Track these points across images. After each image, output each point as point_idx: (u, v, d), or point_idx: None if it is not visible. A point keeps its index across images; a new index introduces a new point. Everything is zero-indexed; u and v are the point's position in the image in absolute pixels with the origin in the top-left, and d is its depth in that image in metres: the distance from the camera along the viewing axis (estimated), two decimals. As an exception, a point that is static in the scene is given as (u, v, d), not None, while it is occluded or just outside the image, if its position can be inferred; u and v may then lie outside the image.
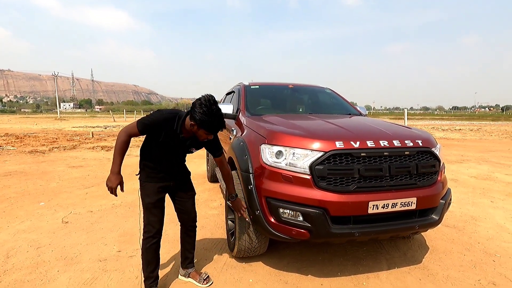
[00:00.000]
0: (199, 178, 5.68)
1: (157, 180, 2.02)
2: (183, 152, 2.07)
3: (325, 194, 1.97)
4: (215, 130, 1.82)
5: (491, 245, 2.90)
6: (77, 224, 3.35)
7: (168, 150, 1.97)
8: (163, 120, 1.86)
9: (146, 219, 2.02)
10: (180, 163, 2.15)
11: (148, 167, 2.02)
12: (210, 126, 1.78)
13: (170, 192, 2.16)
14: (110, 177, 1.86)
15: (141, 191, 2.02)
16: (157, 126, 1.86)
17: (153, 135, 1.91)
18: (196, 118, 1.76)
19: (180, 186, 2.16)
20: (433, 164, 2.20)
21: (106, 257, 2.62)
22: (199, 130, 1.82)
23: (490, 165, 7.00)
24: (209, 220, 3.54)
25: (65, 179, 5.50)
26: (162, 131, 1.87)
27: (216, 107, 1.77)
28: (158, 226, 2.03)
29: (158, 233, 2.04)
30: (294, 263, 2.53)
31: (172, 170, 2.07)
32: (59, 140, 12.25)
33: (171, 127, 1.87)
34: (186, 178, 2.22)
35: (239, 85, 3.92)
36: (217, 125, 1.80)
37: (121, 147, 1.84)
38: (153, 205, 2.00)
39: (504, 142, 12.38)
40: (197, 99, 1.79)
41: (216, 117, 1.77)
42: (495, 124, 29.26)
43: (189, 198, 2.22)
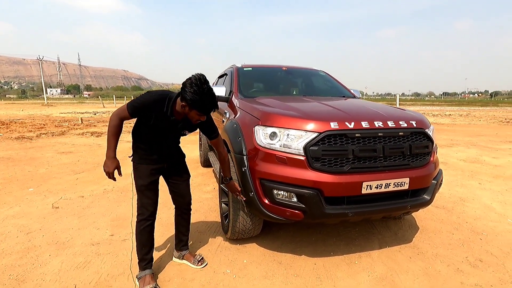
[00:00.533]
0: (192, 163, 5.64)
1: (150, 162, 1.97)
2: (175, 135, 2.01)
3: (319, 175, 1.96)
4: (207, 110, 1.75)
5: (479, 224, 2.98)
6: (68, 209, 3.30)
7: (159, 133, 1.91)
8: (153, 102, 1.79)
9: (140, 201, 1.99)
10: (173, 146, 2.09)
11: (140, 149, 1.97)
12: (202, 106, 1.71)
13: (164, 175, 2.12)
14: (106, 162, 1.83)
15: (134, 173, 1.98)
16: (147, 108, 1.79)
17: (144, 118, 1.85)
18: (186, 98, 1.68)
19: (174, 168, 2.12)
20: (426, 145, 2.21)
21: (98, 241, 2.60)
22: (190, 111, 1.75)
23: (478, 149, 7.15)
24: (202, 204, 3.53)
25: (54, 165, 5.38)
26: (152, 114, 1.80)
27: (207, 86, 1.70)
28: (151, 208, 2.00)
29: (152, 215, 2.02)
30: (288, 244, 2.56)
31: (165, 153, 2.02)
32: (47, 126, 11.94)
33: (161, 109, 1.81)
34: (180, 161, 2.18)
35: (232, 67, 3.83)
36: (209, 105, 1.73)
37: (114, 131, 1.79)
38: (146, 187, 1.96)
39: (492, 126, 12.64)
40: (187, 79, 1.71)
41: (208, 96, 1.70)
42: (483, 109, 29.78)
43: (183, 180, 2.19)
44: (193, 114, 1.77)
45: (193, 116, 1.79)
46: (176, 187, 2.17)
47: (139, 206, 1.99)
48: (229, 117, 2.89)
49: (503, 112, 24.56)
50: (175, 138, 2.05)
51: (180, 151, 2.19)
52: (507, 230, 2.86)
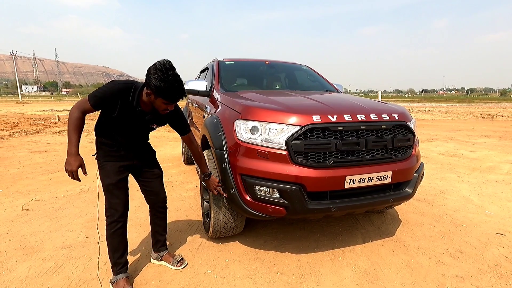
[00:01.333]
0: (174, 161, 5.49)
1: (117, 158, 1.83)
2: (143, 128, 1.88)
3: (301, 169, 1.91)
4: (173, 97, 1.63)
5: (458, 216, 3.04)
6: (39, 211, 3.10)
7: (125, 126, 1.77)
8: (117, 91, 1.65)
9: (108, 202, 1.85)
10: (141, 141, 1.96)
11: (105, 145, 1.82)
12: (168, 93, 1.59)
13: (134, 173, 1.99)
14: (68, 160, 1.65)
15: (100, 172, 1.83)
16: (111, 98, 1.65)
17: (107, 110, 1.70)
18: (151, 85, 1.57)
19: (144, 165, 2.00)
20: (408, 138, 2.20)
21: (71, 244, 2.44)
22: (156, 99, 1.63)
23: (456, 143, 7.38)
24: (184, 202, 3.42)
25: (26, 165, 5.09)
26: (117, 104, 1.67)
27: (173, 72, 1.58)
28: (121, 208, 1.86)
29: (123, 216, 1.88)
30: (271, 241, 2.50)
31: (132, 148, 1.89)
32: (21, 124, 11.35)
33: (127, 99, 1.67)
34: (150, 157, 2.06)
35: (213, 61, 3.72)
36: (176, 91, 1.61)
37: (75, 124, 1.63)
38: (114, 186, 1.82)
39: (469, 122, 13.13)
40: (152, 65, 1.59)
41: (174, 82, 1.58)
42: (460, 105, 30.96)
43: (155, 177, 2.06)
44: (159, 103, 1.65)
45: (159, 105, 1.67)
46: (149, 185, 2.04)
47: (107, 207, 1.85)
48: (210, 111, 2.79)
49: (479, 108, 25.63)
50: (143, 132, 1.92)
51: (149, 147, 2.07)
52: (485, 220, 2.93)
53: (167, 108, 1.70)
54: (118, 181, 1.83)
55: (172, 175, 4.52)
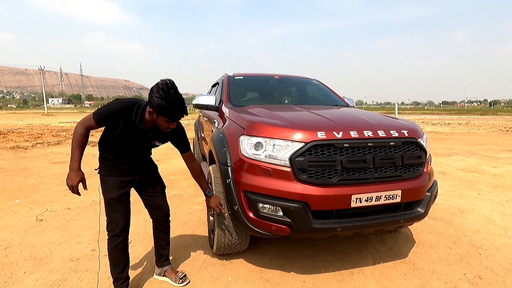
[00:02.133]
0: (185, 173, 5.53)
1: (119, 173, 1.87)
2: (145, 145, 1.92)
3: (306, 187, 1.86)
4: (175, 116, 1.67)
5: (478, 237, 2.85)
6: (52, 222, 3.19)
7: (127, 142, 1.82)
8: (121, 109, 1.70)
9: (109, 216, 1.87)
10: (143, 157, 2.00)
11: (108, 159, 1.87)
12: (169, 112, 1.64)
13: (136, 187, 2.02)
14: (69, 175, 1.68)
15: (102, 186, 1.87)
16: (114, 116, 1.69)
17: (111, 127, 1.75)
18: (153, 104, 1.62)
19: (146, 180, 2.02)
20: (419, 155, 2.11)
21: (78, 256, 2.48)
22: (158, 118, 1.68)
23: (477, 158, 7.04)
24: (192, 216, 3.41)
25: (45, 175, 5.28)
26: (120, 122, 1.71)
27: (175, 91, 1.64)
28: (123, 223, 1.88)
29: (124, 230, 1.90)
30: (277, 259, 2.43)
31: (134, 164, 1.92)
32: (44, 135, 11.89)
33: (129, 117, 1.72)
34: (153, 172, 2.08)
35: (224, 76, 3.78)
36: (177, 110, 1.65)
37: (79, 141, 1.68)
38: (115, 201, 1.85)
39: (491, 135, 12.54)
40: (155, 84, 1.65)
41: (176, 101, 1.63)
42: (483, 118, 29.74)
43: (158, 192, 2.08)
44: (161, 121, 1.69)
45: (161, 123, 1.71)
46: (151, 200, 2.06)
47: (108, 221, 1.87)
48: (218, 126, 2.81)
49: (503, 120, 24.51)
50: (145, 149, 1.96)
51: (151, 162, 2.10)
52: (508, 244, 2.73)
53: (169, 126, 1.74)
54: (119, 196, 1.86)
55: (182, 188, 4.55)
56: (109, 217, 1.87)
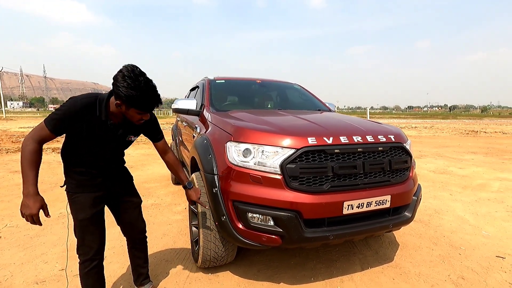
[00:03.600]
0: (162, 181, 5.29)
1: (92, 189, 1.61)
2: (119, 144, 1.66)
3: (297, 195, 1.79)
4: (149, 107, 1.46)
5: (455, 238, 2.96)
6: (12, 239, 2.85)
7: (99, 146, 1.56)
8: (81, 108, 1.43)
9: (81, 239, 1.60)
10: (118, 162, 1.76)
11: (77, 173, 1.59)
12: (141, 103, 1.42)
13: (109, 202, 1.78)
14: (25, 202, 1.38)
15: (71, 205, 1.59)
16: (74, 118, 1.43)
17: (73, 131, 1.48)
18: (121, 95, 1.38)
19: (121, 193, 1.79)
20: (405, 160, 2.13)
21: (44, 278, 2.21)
22: (129, 110, 1.45)
23: (445, 160, 7.45)
24: (172, 226, 3.23)
25: (3, 186, 4.79)
26: (83, 123, 1.46)
27: (145, 79, 1.41)
28: (97, 245, 1.64)
29: (98, 253, 1.66)
30: (265, 270, 2.34)
31: (109, 174, 1.68)
32: (2, 142, 10.91)
33: (93, 114, 1.47)
34: (129, 183, 1.87)
35: (204, 80, 3.65)
36: (150, 100, 1.44)
37: (31, 160, 1.38)
38: (89, 221, 1.58)
39: (455, 138, 13.42)
40: (118, 71, 1.40)
41: (147, 90, 1.41)
42: (445, 122, 31.91)
43: (134, 207, 1.87)
44: (133, 113, 1.47)
45: (133, 116, 1.48)
46: (126, 217, 1.84)
47: (80, 245, 1.61)
48: (200, 132, 2.68)
49: (462, 124, 26.43)
50: (120, 148, 1.71)
51: (127, 171, 1.87)
52: (483, 243, 2.85)
53: (142, 118, 1.52)
54: (93, 215, 1.61)
55: (160, 196, 4.32)
56: (80, 239, 1.61)
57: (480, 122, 30.61)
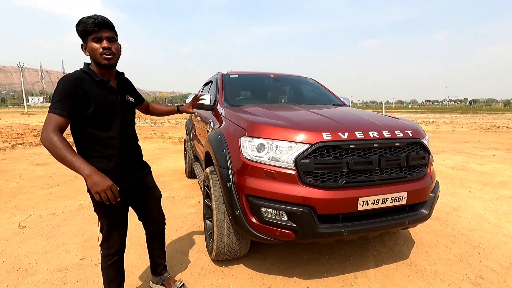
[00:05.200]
0: (176, 174, 5.38)
1: (116, 181, 1.52)
2: (124, 107, 1.63)
3: (311, 190, 1.79)
4: (92, 22, 1.42)
5: (474, 236, 2.87)
6: (36, 229, 2.99)
7: (108, 112, 1.51)
8: (74, 80, 1.41)
9: (106, 235, 1.63)
10: (133, 136, 1.72)
11: (95, 158, 1.51)
12: (86, 24, 1.42)
13: (133, 199, 1.78)
14: (92, 182, 1.33)
15: (99, 207, 1.56)
16: (74, 91, 1.39)
17: (80, 107, 1.42)
18: (79, 35, 1.48)
19: (142, 187, 1.80)
20: (423, 156, 2.08)
21: (66, 266, 2.32)
22: (88, 45, 1.46)
23: (464, 156, 7.20)
24: (186, 219, 3.29)
25: (27, 178, 5.01)
26: (85, 92, 1.42)
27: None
28: (120, 241, 1.69)
29: (121, 249, 1.72)
30: (278, 264, 2.36)
31: (125, 148, 1.61)
32: (25, 135, 11.38)
33: (87, 80, 1.46)
34: (149, 175, 1.86)
35: (217, 75, 3.66)
36: (91, 17, 1.44)
37: (65, 146, 1.33)
38: (116, 219, 1.63)
39: (474, 133, 12.94)
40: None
41: (91, 15, 1.46)
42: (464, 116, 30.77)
43: (156, 201, 1.91)
44: (92, 46, 1.45)
45: (95, 49, 1.45)
46: (149, 211, 1.87)
47: (105, 239, 1.65)
48: (214, 126, 2.71)
49: (483, 119, 25.41)
50: (126, 115, 1.65)
51: (145, 162, 1.85)
52: (503, 242, 2.76)
53: (104, 48, 1.46)
54: (120, 214, 1.64)
55: (174, 190, 4.40)
56: (106, 235, 1.64)
57: (502, 117, 29.33)
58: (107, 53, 1.48)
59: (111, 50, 1.50)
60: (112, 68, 1.58)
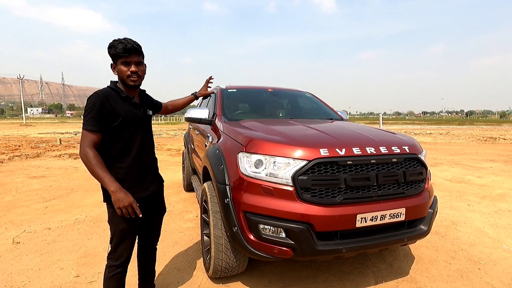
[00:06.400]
0: (174, 187, 5.35)
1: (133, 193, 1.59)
2: (145, 121, 1.77)
3: (309, 207, 1.78)
4: (123, 47, 1.56)
5: (474, 251, 2.85)
6: (30, 245, 2.94)
7: (132, 126, 1.65)
8: (102, 96, 1.54)
9: (115, 247, 1.67)
10: (152, 153, 1.86)
11: (117, 170, 1.61)
12: (116, 47, 1.56)
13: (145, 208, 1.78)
14: (116, 198, 1.47)
15: (114, 217, 1.62)
16: (103, 106, 1.52)
17: (109, 121, 1.55)
18: (109, 54, 1.61)
19: (153, 199, 1.83)
20: (420, 171, 2.08)
21: (60, 284, 2.26)
22: (117, 66, 1.61)
23: (462, 168, 7.22)
24: (183, 234, 3.25)
25: (22, 192, 4.96)
26: (112, 107, 1.55)
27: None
28: (126, 255, 1.71)
29: (126, 263, 1.73)
30: (276, 281, 2.32)
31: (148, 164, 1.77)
32: (22, 147, 11.33)
33: (114, 96, 1.60)
34: (161, 188, 1.92)
35: (216, 88, 3.70)
36: (121, 41, 1.57)
37: (98, 162, 1.48)
38: (128, 232, 1.66)
39: (472, 145, 13.01)
40: None
41: (120, 38, 1.60)
42: (461, 128, 31.01)
43: (159, 215, 1.95)
44: (121, 68, 1.61)
45: (123, 71, 1.61)
46: (151, 224, 1.89)
47: (113, 250, 1.68)
48: (212, 141, 2.71)
49: (480, 130, 25.62)
50: (147, 130, 1.79)
51: (159, 175, 1.93)
52: (504, 257, 2.73)
53: (131, 71, 1.61)
54: (132, 226, 1.67)
55: (172, 203, 4.36)
56: (114, 247, 1.67)
57: (498, 128, 29.59)
58: (134, 76, 1.64)
59: (138, 74, 1.65)
60: (137, 88, 1.74)
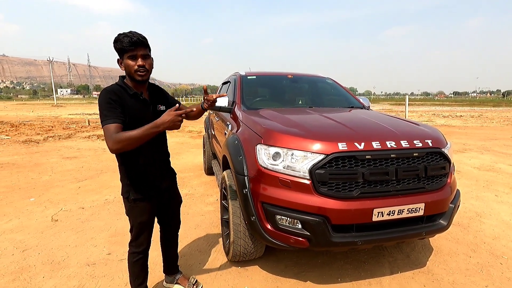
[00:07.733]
0: (195, 170, 5.54)
1: (149, 193, 1.74)
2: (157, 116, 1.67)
3: (326, 200, 1.81)
4: (128, 40, 1.52)
5: (498, 245, 2.78)
6: (67, 223, 3.22)
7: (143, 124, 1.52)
8: (111, 93, 1.54)
9: (135, 236, 1.81)
10: (166, 150, 1.89)
11: (133, 170, 1.70)
12: (122, 41, 1.52)
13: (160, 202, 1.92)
14: (161, 122, 1.44)
15: (132, 211, 1.74)
16: (114, 102, 1.52)
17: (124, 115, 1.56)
18: (115, 49, 1.57)
19: (168, 191, 1.93)
20: (443, 166, 2.03)
21: (95, 260, 2.49)
22: (124, 61, 1.57)
23: (492, 155, 6.85)
24: (204, 217, 3.41)
25: (57, 172, 5.35)
26: (122, 104, 1.55)
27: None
28: (146, 242, 1.85)
29: (147, 248, 1.88)
30: (292, 267, 2.41)
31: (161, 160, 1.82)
32: (55, 128, 12.05)
33: (122, 93, 1.58)
34: (174, 181, 2.00)
35: (235, 75, 3.70)
36: (126, 35, 1.53)
37: (128, 132, 1.44)
38: (146, 224, 1.79)
39: (506, 129, 12.20)
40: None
41: (126, 32, 1.55)
42: (496, 110, 28.96)
43: (176, 207, 2.06)
44: (128, 63, 1.56)
45: (130, 66, 1.56)
46: (169, 216, 2.02)
47: (133, 239, 1.82)
48: (232, 129, 2.76)
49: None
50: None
51: (172, 169, 1.98)
52: (530, 252, 2.65)
53: (139, 66, 1.57)
54: (150, 218, 1.80)
55: (193, 187, 4.55)
56: (135, 236, 1.80)
57: (539, 111, 27.36)
58: (141, 70, 1.59)
59: (145, 67, 1.60)
60: (145, 83, 1.71)
